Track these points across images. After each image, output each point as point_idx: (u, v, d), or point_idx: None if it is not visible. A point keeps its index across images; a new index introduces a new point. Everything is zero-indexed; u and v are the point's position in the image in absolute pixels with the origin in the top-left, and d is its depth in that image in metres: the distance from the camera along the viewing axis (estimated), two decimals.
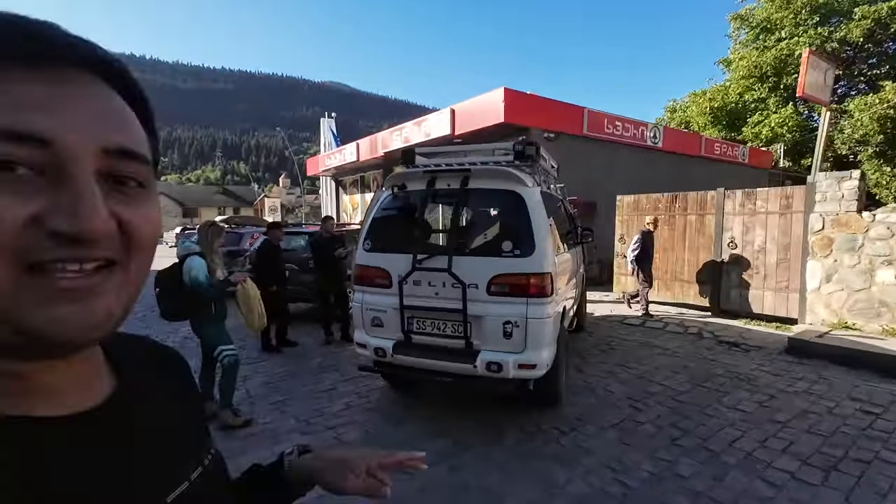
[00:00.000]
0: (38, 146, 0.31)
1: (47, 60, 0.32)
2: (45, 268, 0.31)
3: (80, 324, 0.33)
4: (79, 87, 0.33)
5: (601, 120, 10.86)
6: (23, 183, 0.31)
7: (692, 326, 6.40)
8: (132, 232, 0.35)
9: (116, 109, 0.36)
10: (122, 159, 0.35)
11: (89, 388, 0.41)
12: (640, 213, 8.03)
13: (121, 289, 0.36)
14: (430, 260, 3.22)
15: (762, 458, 2.92)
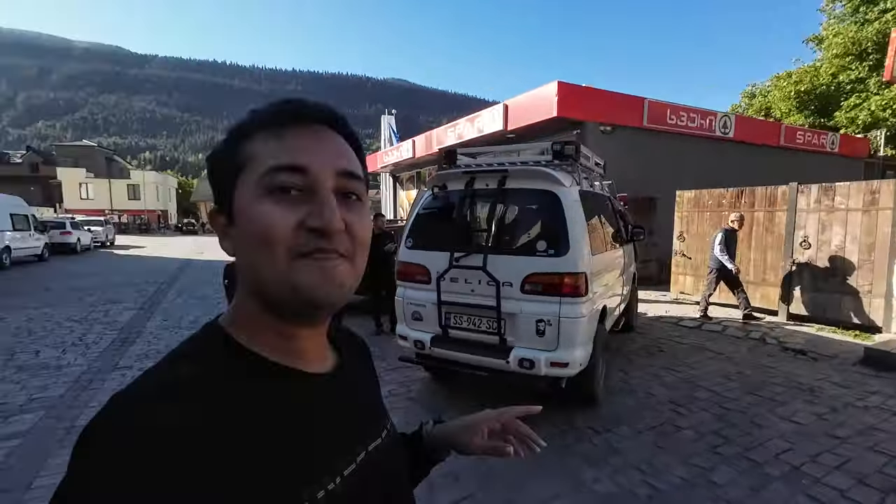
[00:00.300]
0: (302, 174, 0.46)
1: (306, 121, 0.49)
2: (306, 256, 0.45)
3: (326, 285, 0.46)
4: (323, 135, 0.49)
5: (663, 111, 10.33)
6: (293, 199, 0.46)
7: (755, 331, 6.01)
8: (354, 232, 0.48)
9: (343, 147, 0.51)
10: (348, 179, 0.49)
11: (325, 359, 0.56)
12: (700, 209, 7.60)
13: (348, 272, 0.48)
14: (467, 258, 3.35)
15: (810, 473, 2.76)
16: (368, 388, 0.64)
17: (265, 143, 0.47)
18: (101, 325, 6.60)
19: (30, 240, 14.83)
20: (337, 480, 0.47)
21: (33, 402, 3.81)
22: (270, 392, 0.46)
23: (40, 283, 10.75)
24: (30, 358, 4.99)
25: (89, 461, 0.37)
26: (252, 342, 0.48)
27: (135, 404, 0.40)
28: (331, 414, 0.51)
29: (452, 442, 0.74)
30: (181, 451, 0.37)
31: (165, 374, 0.44)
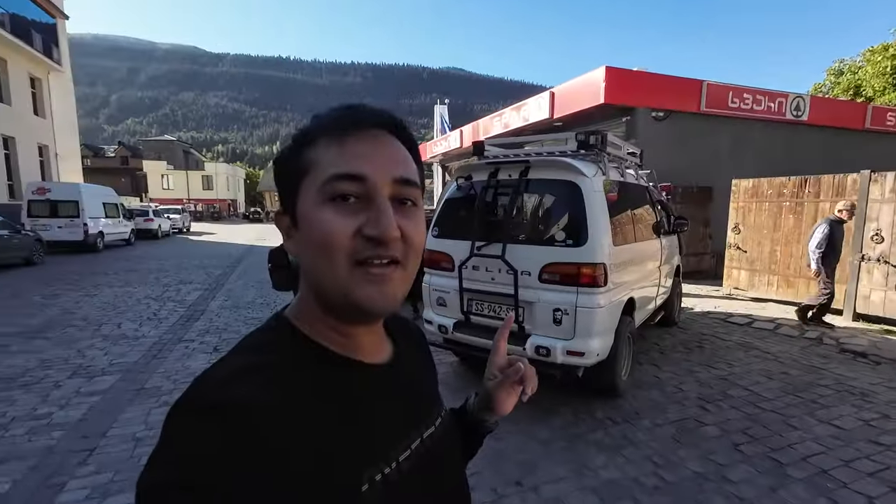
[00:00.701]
0: (360, 182, 0.47)
1: (365, 127, 0.50)
2: (363, 263, 0.47)
3: (380, 300, 0.48)
4: (381, 142, 0.50)
5: (724, 94, 9.65)
6: (352, 207, 0.47)
7: (812, 330, 5.60)
8: (409, 238, 0.49)
9: (401, 153, 0.51)
10: (404, 185, 0.50)
11: (381, 350, 0.58)
12: (759, 199, 7.10)
13: (401, 281, 0.49)
14: (488, 247, 3.44)
15: (839, 478, 2.63)
16: (424, 376, 0.66)
17: (327, 150, 0.48)
18: (173, 302, 7.37)
19: (119, 226, 16.61)
20: (393, 466, 0.49)
21: (113, 366, 4.40)
22: (334, 380, 0.49)
23: (126, 264, 12.08)
24: (113, 329, 5.71)
25: (179, 431, 0.40)
26: (314, 334, 0.51)
27: (219, 384, 0.43)
28: (387, 403, 0.53)
29: (488, 404, 0.71)
30: (256, 428, 0.40)
31: (244, 359, 0.47)
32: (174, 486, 0.36)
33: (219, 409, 0.40)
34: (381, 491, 0.46)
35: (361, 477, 0.45)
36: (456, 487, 0.62)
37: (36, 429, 3.14)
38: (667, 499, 2.45)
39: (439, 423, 0.60)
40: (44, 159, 19.91)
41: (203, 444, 0.38)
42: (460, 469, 0.65)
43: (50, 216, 13.52)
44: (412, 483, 0.51)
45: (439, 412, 0.62)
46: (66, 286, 8.56)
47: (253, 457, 0.38)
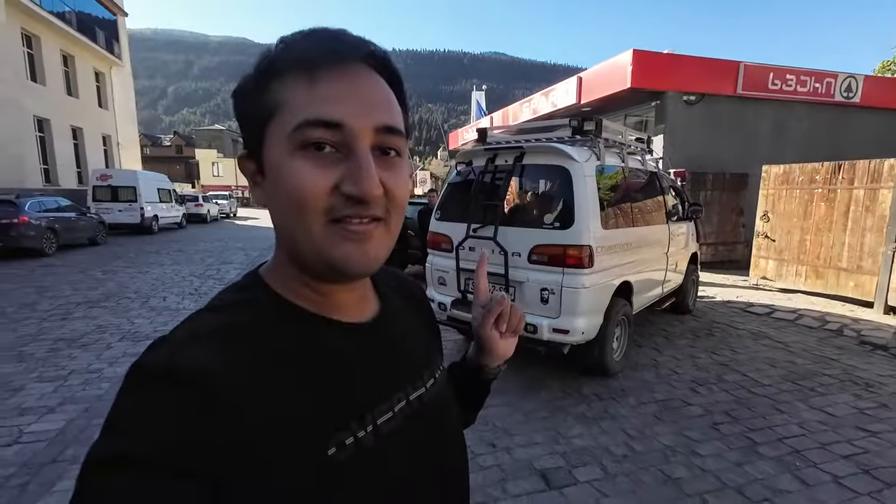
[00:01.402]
0: (336, 129, 0.41)
1: (342, 61, 0.42)
2: (339, 221, 0.43)
3: (360, 259, 0.44)
4: (361, 80, 0.43)
5: (763, 75, 9.17)
6: (327, 158, 0.42)
7: (834, 322, 5.42)
8: (392, 193, 0.45)
9: (384, 94, 0.45)
10: (387, 134, 0.44)
11: (365, 307, 0.54)
12: (790, 186, 6.82)
13: (383, 238, 0.46)
14: (482, 229, 3.63)
15: (810, 459, 2.68)
16: (415, 335, 0.60)
17: (296, 88, 0.42)
18: (213, 280, 8.02)
19: (172, 210, 17.87)
20: (369, 429, 0.46)
21: (156, 332, 4.95)
22: (302, 340, 0.46)
23: (176, 245, 13.08)
24: (159, 302, 6.35)
25: (130, 400, 0.37)
26: (288, 293, 0.48)
27: (175, 347, 0.40)
28: (365, 363, 0.49)
29: (483, 346, 0.68)
30: (209, 396, 0.37)
31: (207, 320, 0.44)
32: (118, 460, 0.34)
33: (171, 376, 0.37)
34: (355, 454, 0.44)
35: (328, 441, 0.42)
36: (449, 450, 0.58)
37: (90, 380, 3.67)
38: (631, 466, 2.60)
39: (431, 384, 0.56)
40: (107, 148, 21.63)
41: (153, 414, 0.36)
42: (455, 431, 0.61)
43: (111, 201, 14.77)
44: (395, 446, 0.48)
45: (432, 373, 0.58)
46: (124, 264, 9.46)
47: (205, 427, 0.36)
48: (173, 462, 0.35)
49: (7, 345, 4.41)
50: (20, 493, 2.29)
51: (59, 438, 2.79)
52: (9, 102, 14.06)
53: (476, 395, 0.74)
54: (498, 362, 0.70)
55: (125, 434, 0.35)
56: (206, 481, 0.35)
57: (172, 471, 0.34)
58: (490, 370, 0.71)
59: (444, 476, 0.55)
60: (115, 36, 22.31)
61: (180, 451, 0.35)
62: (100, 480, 0.34)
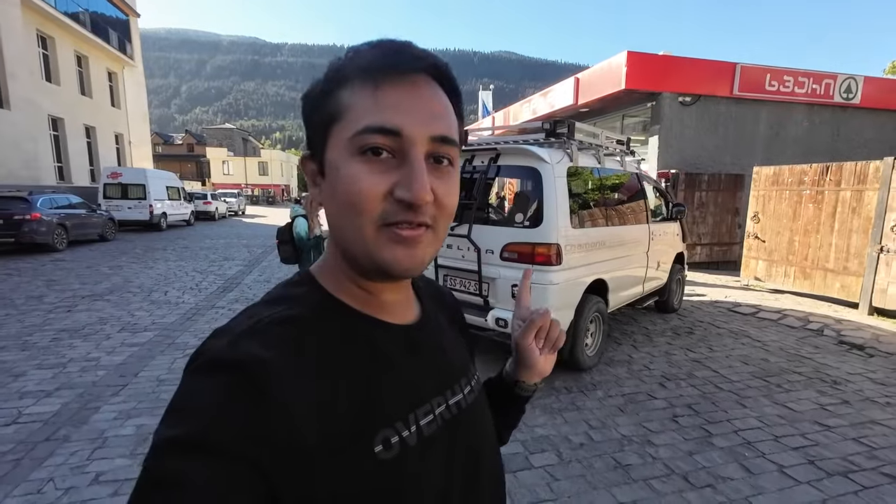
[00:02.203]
0: (395, 136, 0.43)
1: (404, 72, 0.45)
2: (391, 224, 0.45)
3: (407, 262, 0.46)
4: (421, 90, 0.45)
5: (760, 76, 9.18)
6: (384, 163, 0.44)
7: (816, 322, 5.48)
8: (442, 202, 0.46)
9: (443, 105, 0.47)
10: (442, 144, 0.46)
11: (408, 311, 0.56)
12: (780, 187, 6.86)
13: (430, 244, 0.47)
14: (458, 227, 3.78)
15: (760, 450, 2.79)
16: (452, 342, 0.62)
17: (361, 95, 0.44)
18: (215, 275, 8.26)
19: (180, 208, 18.26)
20: (412, 429, 0.48)
21: (154, 324, 5.18)
22: (352, 337, 0.48)
23: (182, 242, 13.39)
24: (160, 296, 6.59)
25: (190, 386, 0.40)
26: (338, 291, 0.51)
27: (233, 339, 0.42)
28: (409, 364, 0.51)
29: (522, 361, 0.69)
30: (265, 385, 0.39)
31: (262, 313, 0.46)
32: (178, 443, 0.36)
33: (229, 365, 0.40)
34: (399, 453, 0.45)
35: (374, 438, 0.44)
36: (486, 455, 0.59)
37: (87, 368, 3.89)
38: (585, 453, 2.73)
39: (468, 392, 0.58)
40: (119, 147, 22.13)
41: (213, 401, 0.38)
42: (492, 438, 0.62)
43: (122, 198, 15.16)
44: (435, 449, 0.50)
45: (469, 381, 0.60)
46: (130, 259, 9.76)
47: (260, 415, 0.38)
48: (232, 447, 0.36)
49: (13, 334, 4.66)
50: (14, 466, 2.49)
51: (53, 420, 3.00)
52: (24, 102, 14.50)
53: (510, 411, 0.74)
54: (536, 379, 0.70)
55: (187, 419, 0.38)
56: (257, 468, 0.37)
57: (230, 456, 0.36)
58: (526, 386, 0.70)
59: (481, 480, 0.56)
60: (127, 36, 22.80)
61: (238, 438, 0.37)
62: (163, 462, 0.36)
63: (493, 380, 0.75)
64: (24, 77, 14.64)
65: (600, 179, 4.15)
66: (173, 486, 0.35)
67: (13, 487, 2.31)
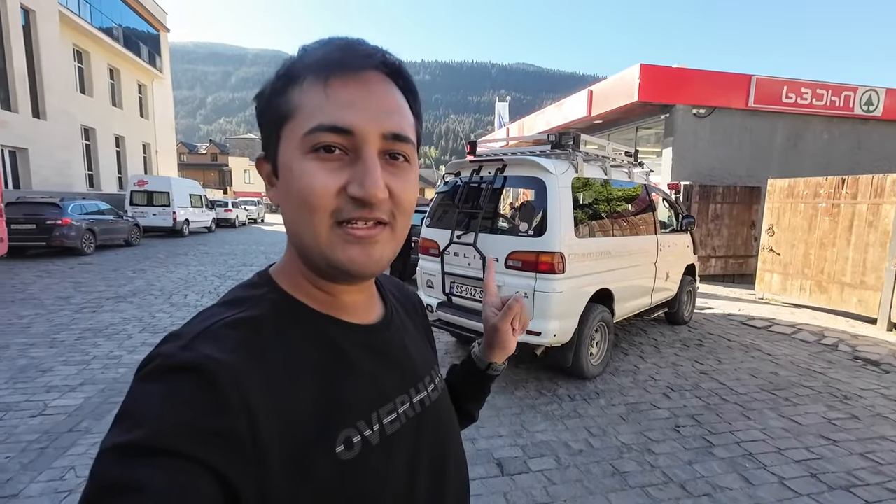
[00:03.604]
0: (346, 134, 0.43)
1: (355, 69, 0.44)
2: (344, 223, 0.45)
3: (363, 262, 0.46)
4: (373, 87, 0.45)
5: (777, 88, 9.11)
6: (336, 161, 0.44)
7: (831, 337, 5.37)
8: (398, 198, 0.46)
9: (396, 101, 0.47)
10: (396, 141, 0.46)
11: (371, 310, 0.56)
12: (795, 200, 6.78)
13: (388, 242, 0.48)
14: (465, 236, 3.87)
15: (761, 461, 2.78)
16: (416, 341, 0.63)
17: (311, 92, 0.44)
18: (232, 280, 8.50)
19: (202, 215, 18.80)
20: (375, 428, 0.48)
21: (173, 325, 5.38)
22: (311, 338, 0.47)
23: (203, 248, 13.79)
24: (180, 299, 6.83)
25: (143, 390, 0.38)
26: (297, 292, 0.50)
27: (188, 342, 0.41)
28: (371, 364, 0.51)
29: (493, 342, 0.71)
30: (221, 389, 0.38)
31: (218, 316, 0.45)
32: (131, 449, 0.35)
33: (185, 367, 0.39)
34: (361, 453, 0.45)
35: (336, 438, 0.44)
36: (451, 456, 0.59)
37: (109, 365, 4.08)
38: (584, 459, 2.77)
39: (432, 390, 0.59)
40: (146, 155, 22.97)
41: (167, 404, 0.37)
42: (456, 436, 0.63)
43: (147, 205, 15.71)
44: (399, 447, 0.50)
45: (433, 379, 0.60)
46: (153, 264, 10.11)
47: (216, 418, 0.37)
48: (188, 451, 0.35)
49: (43, 332, 4.91)
50: (39, 455, 2.65)
51: (76, 412, 3.17)
52: (60, 113, 15.23)
53: (481, 392, 0.78)
54: (504, 359, 0.74)
55: (140, 423, 0.36)
56: (215, 471, 0.36)
57: (187, 459, 0.35)
58: (497, 367, 0.74)
59: (446, 478, 0.56)
60: (157, 50, 23.78)
61: (194, 441, 0.36)
62: (116, 469, 0.34)
63: (461, 365, 0.78)
64: (60, 89, 15.40)
65: (606, 190, 4.20)
66: (129, 493, 0.33)
67: (38, 474, 2.47)
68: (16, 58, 13.41)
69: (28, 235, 9.88)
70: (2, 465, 2.53)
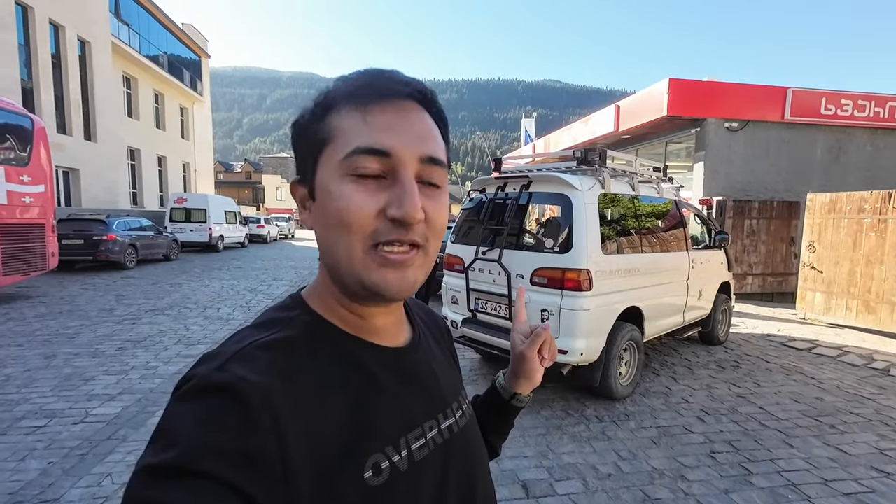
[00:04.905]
0: (385, 157, 0.45)
1: (392, 97, 0.47)
2: (380, 245, 0.45)
3: (397, 284, 0.46)
4: (409, 113, 0.47)
5: (815, 100, 8.79)
6: (375, 184, 0.45)
7: (882, 361, 5.04)
8: (432, 220, 0.47)
9: (430, 128, 0.49)
10: (431, 165, 0.47)
11: (399, 333, 0.56)
12: (837, 215, 6.47)
13: (421, 266, 0.48)
14: (490, 252, 3.87)
15: (805, 493, 2.61)
16: (443, 366, 0.62)
17: (351, 118, 0.46)
18: (263, 294, 8.74)
19: (236, 230, 19.49)
20: (403, 454, 0.47)
21: (206, 338, 5.56)
22: (343, 360, 0.48)
23: (236, 263, 14.26)
24: (213, 312, 7.06)
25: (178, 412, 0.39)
26: (328, 314, 0.50)
27: (222, 363, 0.42)
28: (400, 388, 0.51)
29: (520, 372, 0.71)
30: (255, 410, 0.39)
31: (252, 338, 0.46)
32: (164, 470, 0.35)
33: (216, 388, 0.39)
34: (389, 479, 0.45)
35: (364, 463, 0.44)
36: (479, 484, 0.58)
37: (146, 375, 4.24)
38: (613, 484, 2.67)
39: (460, 416, 0.58)
40: (186, 174, 24.10)
41: (198, 425, 0.37)
42: (485, 462, 0.62)
43: (185, 221, 16.44)
44: (427, 474, 0.49)
45: (461, 405, 0.60)
46: (189, 278, 10.51)
47: (248, 440, 0.37)
48: (217, 473, 0.35)
49: (87, 343, 5.16)
50: (80, 461, 2.77)
51: (115, 421, 3.30)
52: (109, 135, 16.24)
53: (504, 424, 0.76)
54: (530, 390, 0.73)
55: (174, 443, 0.36)
56: (243, 492, 0.36)
57: (216, 481, 0.35)
58: (522, 398, 0.73)
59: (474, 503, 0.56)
60: (199, 75, 25.12)
61: (224, 462, 0.36)
62: (148, 490, 0.35)
63: (485, 396, 0.77)
64: (110, 113, 16.45)
65: (634, 206, 4.13)
66: None
67: (78, 479, 2.57)
68: (72, 86, 14.45)
69: (76, 250, 10.49)
70: (45, 469, 2.65)
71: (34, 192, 7.32)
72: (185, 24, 24.47)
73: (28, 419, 3.26)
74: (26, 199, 7.17)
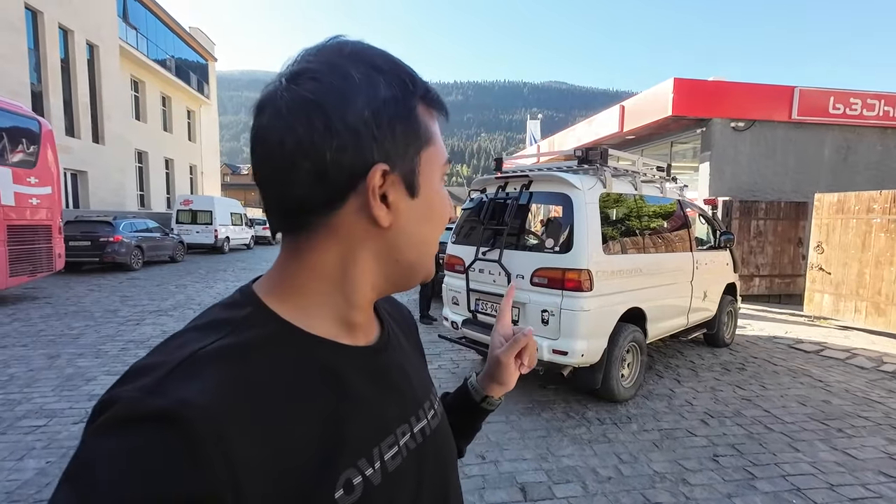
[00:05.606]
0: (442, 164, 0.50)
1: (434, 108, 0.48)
2: None
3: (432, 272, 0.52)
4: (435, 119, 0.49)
5: (823, 100, 8.68)
6: None
7: (891, 363, 4.95)
8: None
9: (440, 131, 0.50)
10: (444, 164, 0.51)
11: (371, 330, 0.52)
12: (845, 215, 6.37)
13: None
14: (490, 252, 3.85)
15: (811, 498, 2.55)
16: (413, 361, 0.58)
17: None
18: None
19: (242, 233, 19.59)
20: (377, 466, 0.43)
21: None
22: (308, 367, 0.42)
23: (242, 264, 14.32)
24: None
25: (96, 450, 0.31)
26: (292, 313, 0.43)
27: (155, 382, 0.34)
28: (372, 392, 0.46)
29: (495, 376, 0.68)
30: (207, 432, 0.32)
31: (193, 346, 0.37)
32: None
33: (149, 418, 0.31)
34: (363, 496, 0.41)
35: (336, 482, 0.39)
36: (451, 490, 0.55)
37: None
38: (613, 487, 2.63)
39: (432, 416, 0.54)
40: (192, 176, 24.29)
41: (125, 471, 0.30)
42: (455, 469, 0.59)
43: (191, 223, 16.54)
44: (401, 485, 0.45)
45: (433, 404, 0.56)
46: (194, 279, 10.57)
47: (193, 484, 0.30)
48: None
49: (91, 343, 5.19)
50: None
51: None
52: (117, 138, 16.40)
53: (472, 426, 0.73)
54: (501, 394, 0.70)
55: (91, 495, 0.30)
56: None
57: None
58: (493, 401, 0.70)
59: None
60: (206, 79, 25.34)
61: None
62: None
63: (455, 395, 0.73)
64: (118, 116, 16.61)
65: (637, 206, 4.09)
66: None
67: None
68: (80, 89, 14.61)
69: (83, 252, 10.58)
70: (43, 469, 2.65)
71: (41, 193, 7.39)
72: (192, 28, 24.72)
73: (28, 418, 3.27)
74: (33, 200, 7.24)
